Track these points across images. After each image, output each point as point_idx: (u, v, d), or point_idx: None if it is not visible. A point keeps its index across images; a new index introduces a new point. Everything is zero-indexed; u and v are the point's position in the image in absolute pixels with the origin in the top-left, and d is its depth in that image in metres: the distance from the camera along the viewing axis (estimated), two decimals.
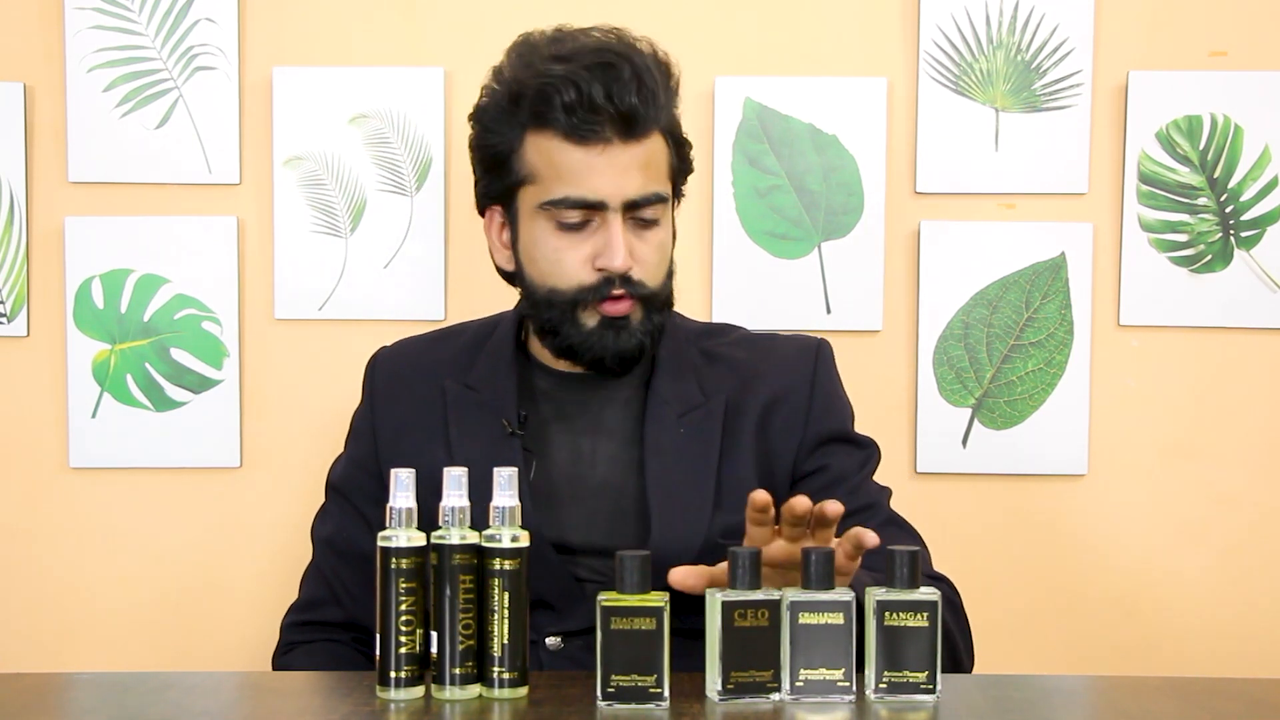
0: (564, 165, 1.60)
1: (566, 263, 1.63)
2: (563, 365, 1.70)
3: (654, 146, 1.63)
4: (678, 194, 1.71)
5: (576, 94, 1.57)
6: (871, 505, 1.69)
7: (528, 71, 1.62)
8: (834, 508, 1.36)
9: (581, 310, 1.64)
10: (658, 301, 1.66)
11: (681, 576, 1.39)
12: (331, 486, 1.78)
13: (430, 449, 1.67)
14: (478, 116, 1.68)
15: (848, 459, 1.72)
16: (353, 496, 1.74)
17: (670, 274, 1.69)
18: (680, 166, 1.69)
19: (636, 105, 1.58)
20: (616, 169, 1.60)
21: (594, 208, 1.61)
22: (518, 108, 1.62)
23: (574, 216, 1.61)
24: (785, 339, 1.78)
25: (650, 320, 1.65)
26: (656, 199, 1.63)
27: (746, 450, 1.68)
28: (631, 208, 1.62)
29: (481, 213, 1.73)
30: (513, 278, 1.72)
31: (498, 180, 1.67)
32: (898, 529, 1.67)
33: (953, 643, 1.59)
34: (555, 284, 1.64)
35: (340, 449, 2.15)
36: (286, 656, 1.75)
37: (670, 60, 1.67)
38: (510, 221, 1.69)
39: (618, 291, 1.62)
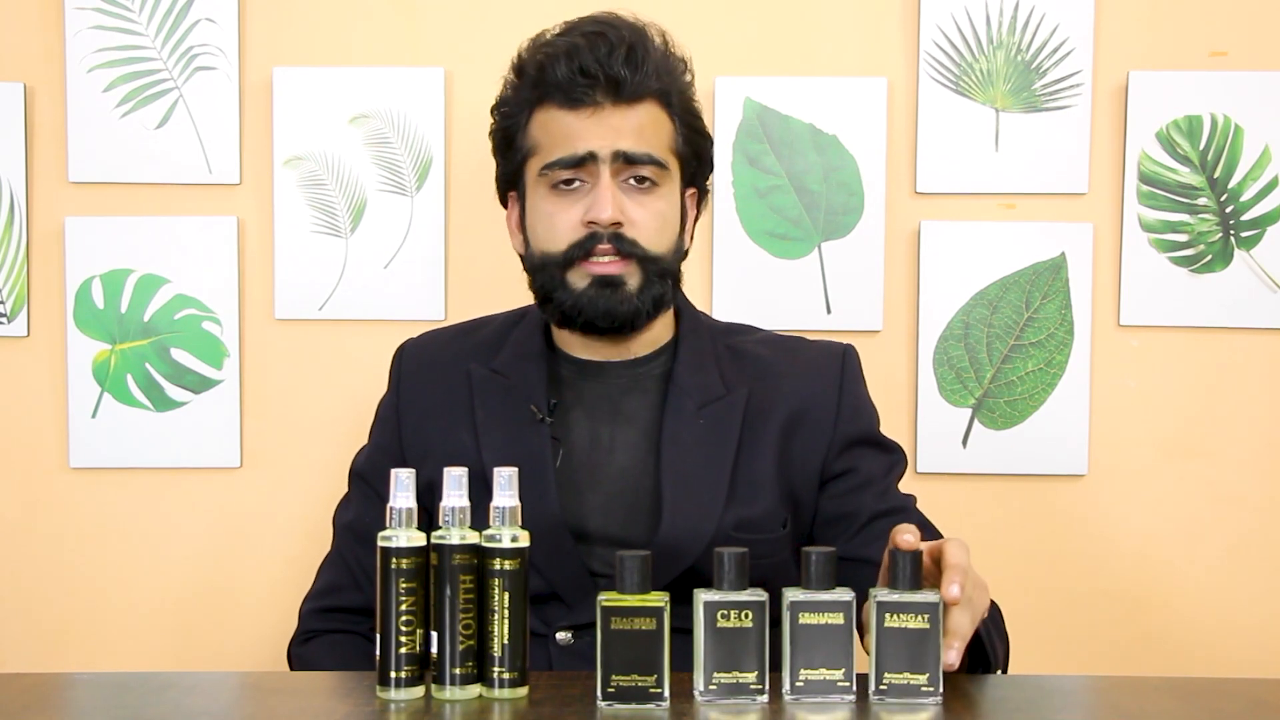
0: (559, 130, 1.64)
1: (559, 224, 1.65)
2: (586, 353, 1.71)
3: (649, 114, 1.65)
4: (693, 183, 1.73)
5: (568, 61, 1.62)
6: (903, 508, 1.70)
7: (531, 52, 1.69)
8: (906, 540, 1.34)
9: (571, 270, 1.64)
10: (657, 268, 1.65)
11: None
12: (355, 474, 1.79)
13: (456, 434, 1.69)
14: (495, 106, 1.73)
15: (875, 462, 1.73)
16: (375, 482, 1.73)
17: (676, 250, 1.69)
18: (691, 150, 1.70)
19: (625, 71, 1.62)
20: (607, 127, 1.63)
21: (583, 163, 1.63)
22: (521, 83, 1.68)
23: (566, 174, 1.64)
24: (812, 343, 1.79)
25: (650, 288, 1.65)
26: (649, 159, 1.64)
27: (767, 448, 1.68)
28: (623, 163, 1.63)
29: (504, 203, 1.76)
30: (525, 260, 1.73)
31: (510, 161, 1.71)
32: (929, 536, 1.65)
33: (993, 647, 1.53)
34: (548, 247, 1.66)
35: (340, 448, 2.15)
36: (305, 646, 1.74)
37: (675, 43, 1.70)
38: (521, 201, 1.71)
39: (604, 247, 1.62)
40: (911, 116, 2.15)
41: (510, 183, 1.72)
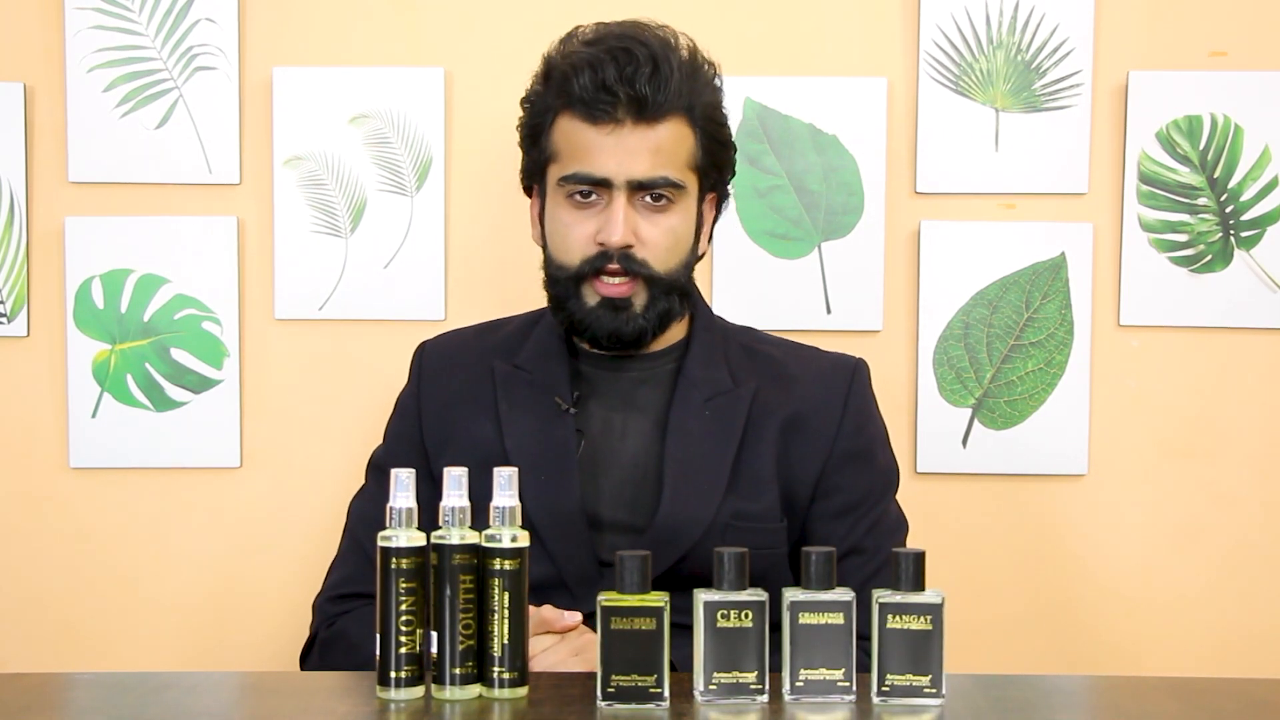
0: (578, 143, 1.66)
1: (573, 237, 1.68)
2: (602, 350, 1.74)
3: (671, 133, 1.66)
4: (713, 189, 1.74)
5: (591, 75, 1.64)
6: (863, 550, 1.71)
7: (560, 56, 1.70)
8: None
9: (584, 285, 1.69)
10: (663, 285, 1.68)
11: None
12: (372, 465, 1.81)
13: (478, 423, 1.72)
14: (525, 99, 1.75)
15: (866, 483, 1.74)
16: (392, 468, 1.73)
17: (686, 264, 1.71)
18: (711, 161, 1.71)
19: (647, 90, 1.63)
20: (624, 150, 1.65)
21: (600, 185, 1.66)
22: (547, 88, 1.70)
23: (583, 189, 1.67)
24: (825, 353, 1.81)
25: (656, 305, 1.68)
26: (665, 183, 1.66)
27: (768, 445, 1.71)
28: (638, 189, 1.66)
29: (528, 193, 1.79)
30: (544, 259, 1.76)
31: (534, 158, 1.74)
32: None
33: None
34: (563, 259, 1.70)
35: (341, 447, 2.16)
36: (333, 629, 1.73)
37: (704, 55, 1.71)
38: (541, 198, 1.75)
39: (613, 267, 1.66)
40: (911, 116, 2.14)
41: (533, 177, 1.76)
